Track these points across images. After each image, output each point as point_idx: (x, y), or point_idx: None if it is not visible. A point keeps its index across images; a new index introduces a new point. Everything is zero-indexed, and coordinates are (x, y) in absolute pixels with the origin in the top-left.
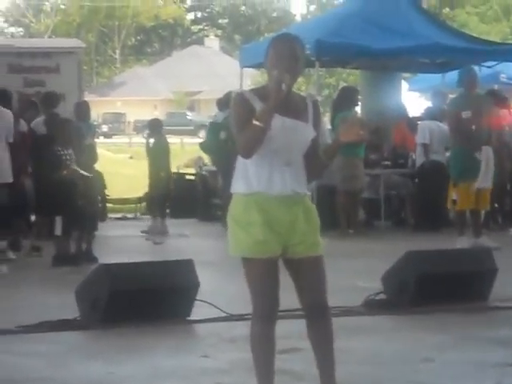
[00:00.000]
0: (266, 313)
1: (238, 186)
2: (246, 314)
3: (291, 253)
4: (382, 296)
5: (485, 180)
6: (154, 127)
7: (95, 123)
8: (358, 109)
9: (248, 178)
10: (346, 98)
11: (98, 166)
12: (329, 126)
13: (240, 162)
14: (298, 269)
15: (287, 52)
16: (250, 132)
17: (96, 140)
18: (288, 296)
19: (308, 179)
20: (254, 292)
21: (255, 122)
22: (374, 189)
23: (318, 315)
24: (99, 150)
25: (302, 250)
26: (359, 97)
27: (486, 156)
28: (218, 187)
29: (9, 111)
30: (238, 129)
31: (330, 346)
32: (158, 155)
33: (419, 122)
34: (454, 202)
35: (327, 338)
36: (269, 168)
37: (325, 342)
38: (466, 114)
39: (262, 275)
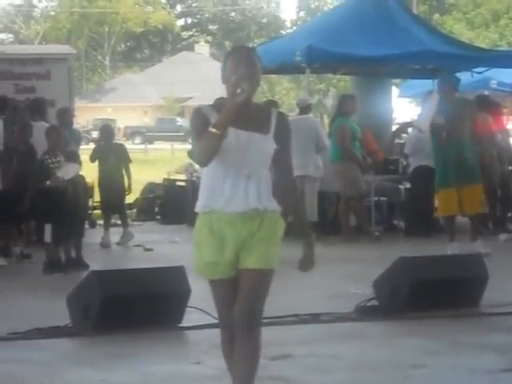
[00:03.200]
0: (225, 325)
1: (197, 204)
2: None
3: (239, 264)
4: (374, 302)
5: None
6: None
7: (84, 129)
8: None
9: (204, 194)
10: (343, 106)
11: (87, 173)
12: (327, 130)
13: (201, 181)
14: (240, 280)
15: (244, 60)
16: (206, 138)
17: (86, 146)
18: (278, 302)
19: (276, 197)
20: (217, 312)
21: (211, 129)
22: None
23: (243, 334)
24: (87, 157)
25: (244, 262)
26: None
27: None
28: None
29: None
30: (194, 138)
31: (249, 376)
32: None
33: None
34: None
35: (248, 353)
36: (222, 183)
37: (244, 357)
38: (438, 120)
39: (218, 295)
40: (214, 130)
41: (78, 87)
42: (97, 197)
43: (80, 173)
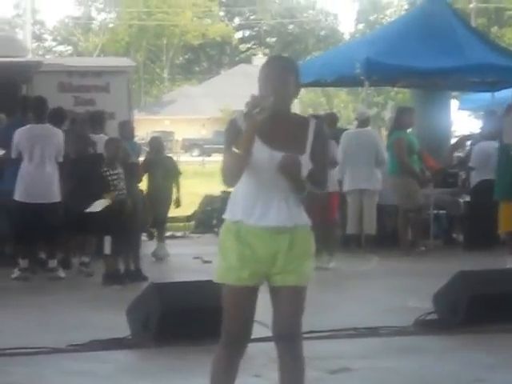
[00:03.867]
0: (233, 340)
1: (225, 213)
2: None
3: (272, 282)
4: (434, 316)
5: None
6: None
7: (143, 141)
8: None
9: (234, 206)
10: (400, 119)
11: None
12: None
13: (234, 188)
14: (274, 297)
15: (274, 74)
16: (229, 159)
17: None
18: (337, 315)
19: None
20: (225, 317)
21: (234, 150)
22: (423, 208)
23: (285, 347)
24: None
25: (279, 279)
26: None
27: None
28: None
29: (59, 130)
30: (224, 150)
31: (293, 379)
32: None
33: (469, 142)
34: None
35: (293, 372)
36: (254, 200)
37: (289, 377)
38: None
39: (234, 303)
40: (237, 151)
41: (136, 100)
42: None
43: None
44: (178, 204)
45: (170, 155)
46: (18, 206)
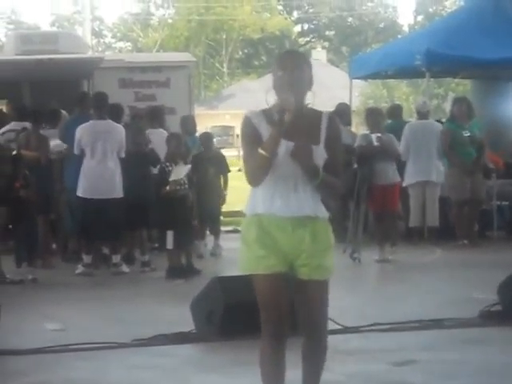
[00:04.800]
0: (272, 329)
1: (246, 208)
2: (361, 327)
3: (298, 274)
4: (498, 307)
5: None
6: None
7: None
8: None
9: (254, 200)
10: (452, 110)
11: None
12: None
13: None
14: (300, 290)
15: (290, 74)
16: (255, 161)
17: None
18: (401, 307)
19: (324, 202)
20: (261, 308)
21: (261, 151)
22: (486, 199)
23: (312, 342)
24: None
25: (305, 272)
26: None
27: None
28: None
29: (121, 126)
30: (244, 153)
31: (316, 376)
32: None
33: None
34: None
35: (316, 367)
36: (273, 193)
37: (313, 371)
38: None
39: (267, 291)
40: (264, 153)
41: (196, 94)
42: (229, 202)
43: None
44: (223, 201)
45: (220, 151)
46: (81, 202)
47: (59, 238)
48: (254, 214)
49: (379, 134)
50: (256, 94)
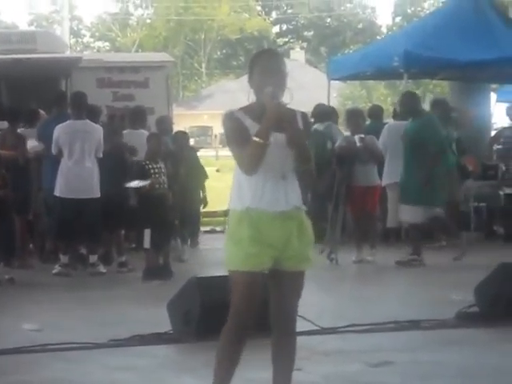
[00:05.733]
0: (240, 325)
1: (232, 202)
2: (339, 327)
3: (281, 266)
4: (475, 309)
5: None
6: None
7: None
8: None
9: (242, 193)
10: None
11: None
12: None
13: (235, 178)
14: (280, 281)
15: (276, 68)
16: (252, 149)
17: None
18: (378, 308)
19: (301, 191)
20: (234, 301)
21: (255, 139)
22: (464, 201)
23: (285, 336)
24: None
25: (292, 264)
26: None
27: None
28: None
29: (99, 126)
30: (235, 146)
31: (289, 362)
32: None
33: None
34: None
35: (288, 355)
36: (262, 183)
37: (285, 359)
38: None
39: (246, 286)
40: (258, 139)
41: (174, 94)
42: None
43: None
44: (204, 203)
45: (195, 151)
46: (58, 202)
47: (36, 237)
48: (243, 209)
49: (362, 135)
50: (235, 94)
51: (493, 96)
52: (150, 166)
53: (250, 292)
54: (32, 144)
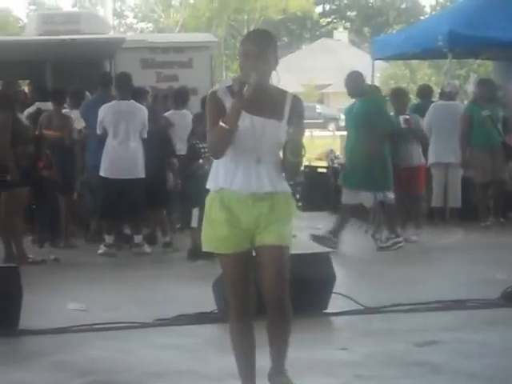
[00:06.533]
0: (239, 308)
1: (208, 183)
2: (382, 307)
3: (255, 242)
4: None
5: None
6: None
7: None
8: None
9: (216, 174)
10: (477, 91)
11: None
12: None
13: (214, 160)
14: (260, 258)
15: (254, 51)
16: (217, 133)
17: None
18: (422, 288)
19: (286, 178)
20: (226, 284)
21: (222, 124)
22: (509, 181)
23: (274, 309)
24: None
25: (262, 238)
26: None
27: None
28: None
29: (143, 107)
30: (208, 127)
31: (283, 340)
32: None
33: None
34: None
35: (281, 333)
36: (235, 166)
37: (278, 336)
38: None
39: (230, 270)
40: (225, 125)
41: (217, 75)
42: None
43: None
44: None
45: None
46: (103, 182)
47: (81, 218)
48: (215, 190)
49: (407, 116)
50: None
51: None
52: (201, 145)
53: (233, 272)
54: (82, 124)
